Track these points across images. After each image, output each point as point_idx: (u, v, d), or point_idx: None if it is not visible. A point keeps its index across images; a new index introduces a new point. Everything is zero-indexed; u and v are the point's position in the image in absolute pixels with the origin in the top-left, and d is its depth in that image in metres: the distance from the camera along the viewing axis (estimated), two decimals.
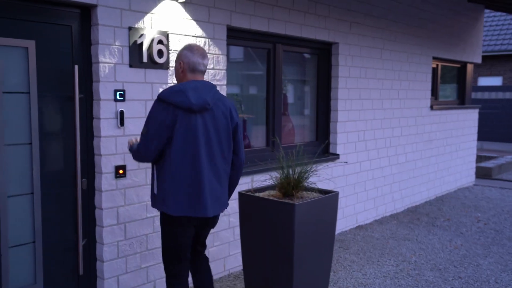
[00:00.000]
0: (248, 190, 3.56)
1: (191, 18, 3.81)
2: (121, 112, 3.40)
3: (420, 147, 7.11)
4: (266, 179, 3.93)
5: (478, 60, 8.55)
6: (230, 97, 4.53)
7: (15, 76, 3.00)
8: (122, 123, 3.41)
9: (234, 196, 4.28)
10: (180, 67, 2.81)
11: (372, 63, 5.92)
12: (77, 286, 3.40)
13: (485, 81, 17.93)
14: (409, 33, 6.57)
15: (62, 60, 3.21)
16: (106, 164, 3.36)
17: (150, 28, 3.53)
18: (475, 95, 15.10)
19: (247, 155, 4.64)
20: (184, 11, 3.75)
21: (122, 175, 3.44)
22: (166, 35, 3.63)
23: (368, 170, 6.05)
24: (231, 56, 4.54)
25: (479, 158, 11.61)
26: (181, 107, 2.64)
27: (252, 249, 3.44)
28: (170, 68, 3.69)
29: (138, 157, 2.80)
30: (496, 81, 17.73)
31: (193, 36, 3.84)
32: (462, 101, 8.51)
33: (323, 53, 5.47)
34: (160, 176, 2.73)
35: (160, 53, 3.58)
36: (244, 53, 4.71)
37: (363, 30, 5.71)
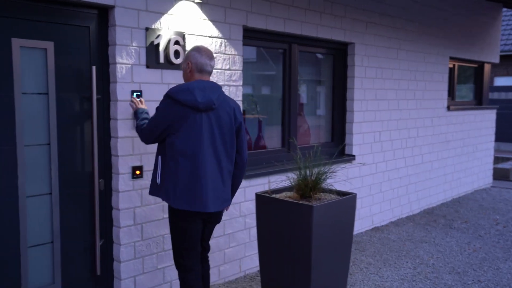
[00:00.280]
0: (265, 191, 3.54)
1: (207, 18, 3.81)
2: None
3: (437, 148, 7.03)
4: (283, 180, 3.90)
5: (496, 60, 8.42)
6: (245, 98, 4.51)
7: (34, 77, 3.02)
8: None
9: (250, 197, 4.27)
10: (188, 67, 2.93)
11: (388, 64, 5.86)
12: (94, 287, 3.41)
13: (502, 81, 17.66)
14: (426, 33, 6.49)
15: (79, 61, 3.22)
16: (123, 165, 3.37)
17: (166, 28, 3.53)
18: (491, 95, 14.89)
19: (263, 156, 4.62)
20: (201, 11, 3.75)
21: (139, 176, 3.45)
22: (182, 35, 3.62)
23: (384, 171, 5.99)
24: (244, 56, 4.52)
25: (496, 160, 11.43)
26: (188, 105, 2.76)
27: (269, 251, 3.42)
28: None
29: (141, 136, 3.00)
30: None
31: (209, 36, 3.83)
32: (479, 101, 8.39)
33: (339, 53, 5.42)
34: (164, 169, 2.84)
35: (177, 54, 3.58)
36: (257, 53, 4.69)
37: (379, 30, 5.66)
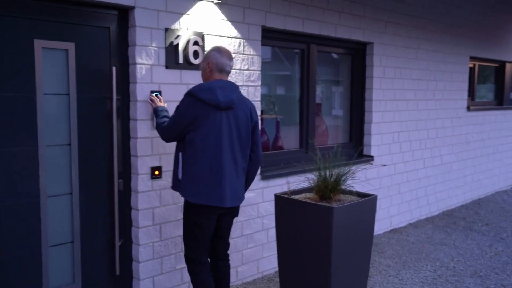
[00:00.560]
0: (285, 193, 3.52)
1: (226, 18, 3.80)
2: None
3: (456, 149, 6.92)
4: (302, 181, 3.87)
5: None
6: (263, 98, 4.49)
7: (55, 78, 3.04)
8: None
9: (268, 198, 4.25)
10: (208, 67, 2.99)
11: (407, 63, 5.79)
12: (113, 286, 3.42)
13: None
14: (446, 32, 6.39)
15: (100, 62, 3.24)
16: (142, 165, 3.37)
17: (186, 29, 3.52)
18: None
19: (281, 157, 4.60)
20: (219, 11, 3.74)
21: (158, 176, 3.45)
22: (201, 36, 3.62)
23: (403, 172, 5.91)
24: None
25: None
26: (210, 104, 2.84)
27: (288, 252, 3.39)
28: None
29: (161, 134, 3.04)
30: None
31: (228, 36, 3.82)
32: (500, 101, 8.24)
33: (357, 53, 5.37)
34: (185, 164, 2.91)
35: (196, 54, 3.58)
36: (272, 53, 4.66)
37: (399, 30, 5.59)
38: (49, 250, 3.07)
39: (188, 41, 3.53)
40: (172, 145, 3.44)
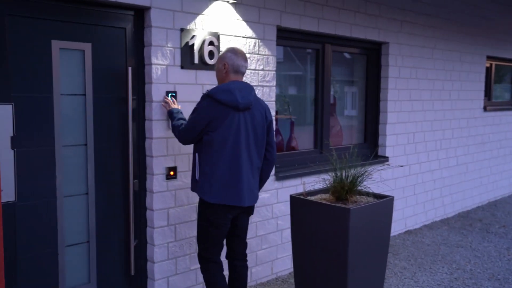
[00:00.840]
0: (300, 194, 3.49)
1: (242, 18, 3.78)
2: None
3: (472, 150, 6.82)
4: (317, 182, 3.84)
5: None
6: (277, 98, 4.47)
7: (72, 78, 3.05)
8: None
9: (282, 198, 4.23)
10: (224, 68, 3.01)
11: (423, 63, 5.72)
12: (128, 287, 3.42)
13: None
14: (462, 31, 6.31)
15: (116, 62, 3.24)
16: (157, 166, 3.37)
17: (201, 29, 3.52)
18: None
19: (296, 157, 4.57)
20: (235, 11, 3.72)
21: (173, 177, 3.45)
22: (217, 36, 3.60)
23: (418, 173, 5.85)
24: None
25: None
26: (228, 105, 2.87)
27: (304, 253, 3.37)
28: None
29: (179, 136, 3.04)
30: None
31: (243, 37, 3.81)
32: None
33: (373, 53, 5.32)
34: (202, 164, 2.93)
35: (211, 54, 3.57)
36: (284, 53, 4.62)
37: (414, 29, 5.53)
38: (65, 250, 3.08)
39: (203, 41, 3.52)
40: (188, 145, 3.44)
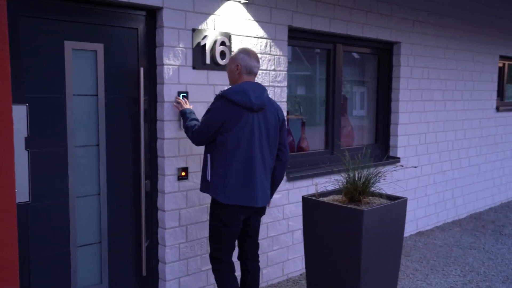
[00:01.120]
0: (312, 195, 3.47)
1: (253, 19, 3.76)
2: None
3: (484, 151, 6.75)
4: (329, 183, 3.81)
5: None
6: (288, 98, 4.44)
7: (84, 78, 3.05)
8: None
9: (294, 199, 4.20)
10: (237, 69, 3.00)
11: (435, 63, 5.67)
12: (140, 287, 3.42)
13: None
14: (475, 31, 6.24)
15: (128, 63, 3.24)
16: (169, 166, 3.37)
17: (213, 29, 3.50)
18: None
19: (307, 158, 4.54)
20: (246, 11, 3.71)
21: (184, 177, 3.44)
22: (228, 36, 3.59)
23: (430, 174, 5.79)
24: None
25: None
26: (243, 106, 2.86)
27: (316, 255, 3.34)
28: None
29: (192, 137, 3.01)
30: None
31: (254, 37, 3.79)
32: None
33: (384, 53, 5.28)
34: (215, 165, 2.91)
35: (223, 55, 3.55)
36: (292, 53, 4.59)
37: (426, 29, 5.48)
38: (77, 250, 3.09)
39: (215, 42, 3.50)
40: (199, 146, 3.42)
